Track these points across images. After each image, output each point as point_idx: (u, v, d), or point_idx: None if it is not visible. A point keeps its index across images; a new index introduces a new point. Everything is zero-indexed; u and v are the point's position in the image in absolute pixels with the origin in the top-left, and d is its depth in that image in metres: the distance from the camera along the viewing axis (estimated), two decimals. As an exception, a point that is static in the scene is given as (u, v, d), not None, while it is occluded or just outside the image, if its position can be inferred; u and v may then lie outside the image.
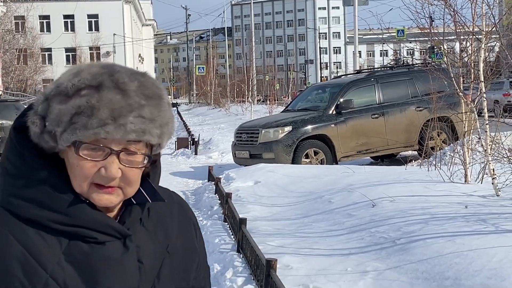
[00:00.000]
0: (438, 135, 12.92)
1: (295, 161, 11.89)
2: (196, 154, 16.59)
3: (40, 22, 62.86)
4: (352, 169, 9.40)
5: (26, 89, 45.53)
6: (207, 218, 7.99)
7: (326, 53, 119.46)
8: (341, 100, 12.39)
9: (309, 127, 12.08)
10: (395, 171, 8.97)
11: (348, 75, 14.96)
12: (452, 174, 7.19)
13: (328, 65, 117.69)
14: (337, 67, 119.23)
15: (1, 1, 35.01)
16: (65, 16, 64.51)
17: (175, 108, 52.68)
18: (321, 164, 12.02)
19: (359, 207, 6.69)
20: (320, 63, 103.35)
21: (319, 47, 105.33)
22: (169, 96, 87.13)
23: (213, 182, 10.20)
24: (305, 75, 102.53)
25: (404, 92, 12.90)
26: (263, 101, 34.81)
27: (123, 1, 66.65)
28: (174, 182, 12.30)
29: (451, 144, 11.85)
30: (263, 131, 12.16)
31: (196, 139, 17.59)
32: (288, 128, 12.03)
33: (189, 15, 71.09)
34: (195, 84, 63.19)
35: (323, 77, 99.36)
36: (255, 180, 9.64)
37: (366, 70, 14.76)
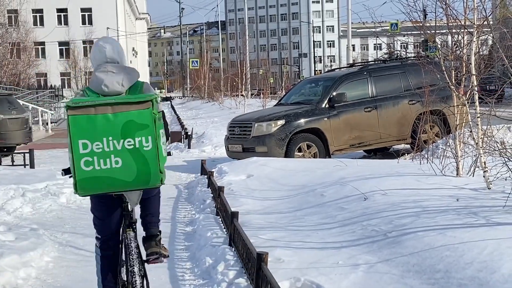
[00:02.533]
0: (431, 129, 12.93)
1: (288, 154, 11.88)
2: (189, 147, 16.58)
3: (33, 15, 62.53)
4: (345, 162, 9.40)
5: (20, 83, 45.29)
6: (200, 212, 7.98)
7: (320, 47, 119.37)
8: (334, 93, 12.38)
9: (302, 120, 12.07)
10: (387, 164, 8.97)
11: (341, 69, 14.95)
12: (444, 167, 7.19)
13: (322, 58, 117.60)
14: (331, 61, 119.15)
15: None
16: (58, 10, 64.21)
17: (168, 101, 52.58)
18: (314, 157, 12.02)
19: (351, 200, 6.69)
20: (314, 56, 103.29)
21: (313, 40, 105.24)
22: (163, 90, 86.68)
23: (205, 176, 10.18)
24: (299, 68, 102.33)
25: (397, 86, 12.90)
26: (257, 95, 34.72)
27: (117, -6, 66.38)
28: (167, 176, 12.20)
29: (444, 138, 11.88)
30: (256, 125, 12.14)
31: (189, 133, 17.56)
32: (281, 122, 12.02)
33: (183, 8, 70.87)
34: (188, 78, 63.07)
35: (317, 70, 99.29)
36: (248, 174, 9.63)
37: (359, 64, 14.74)
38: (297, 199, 7.70)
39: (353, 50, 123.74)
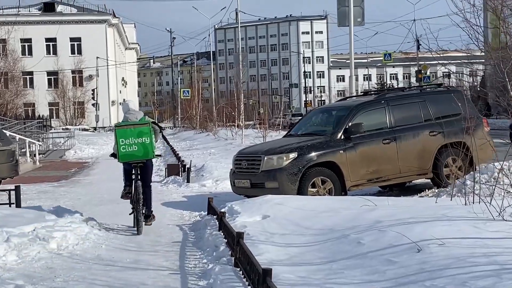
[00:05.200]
0: (453, 162, 11.95)
1: (301, 190, 10.82)
2: (188, 181, 15.45)
3: (21, 45, 61.59)
4: (373, 201, 8.34)
5: (7, 113, 44.07)
6: (213, 261, 6.86)
7: (309, 77, 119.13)
8: (350, 124, 11.37)
9: (316, 153, 11.02)
10: (425, 204, 7.92)
11: (355, 97, 13.94)
12: (503, 210, 6.15)
13: (312, 89, 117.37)
14: (321, 91, 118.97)
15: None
16: (47, 39, 63.41)
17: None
18: (329, 193, 10.97)
19: (400, 251, 5.62)
20: (305, 87, 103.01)
21: (304, 71, 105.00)
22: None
23: (214, 216, 9.08)
24: (289, 99, 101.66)
25: (417, 115, 11.96)
26: (254, 125, 33.66)
27: (106, 24, 65.75)
28: (168, 215, 11.17)
29: (472, 172, 10.88)
30: (265, 158, 11.08)
31: (187, 166, 16.45)
32: (293, 155, 10.97)
33: (174, 38, 70.24)
34: (179, 108, 62.16)
35: (307, 101, 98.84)
36: (263, 214, 8.53)
37: (374, 92, 13.76)
38: (327, 246, 6.62)
39: (343, 80, 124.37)
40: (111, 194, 14.44)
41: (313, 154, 11.01)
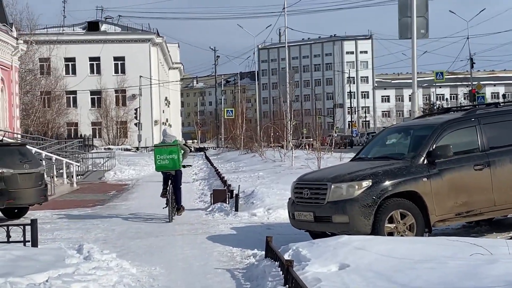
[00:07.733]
0: None
1: (375, 226, 8.87)
2: (236, 210, 13.63)
3: (65, 64, 61.18)
4: (484, 247, 6.36)
5: (47, 132, 43.06)
6: (282, 335, 4.97)
7: (354, 98, 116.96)
8: (435, 146, 9.40)
9: (394, 181, 9.05)
10: None
11: (435, 115, 11.92)
12: None
13: (356, 109, 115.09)
14: (365, 112, 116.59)
15: (23, 41, 32.97)
16: (91, 59, 62.94)
17: (202, 152, 50.03)
18: (409, 230, 9.01)
19: None
20: (349, 107, 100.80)
21: (348, 91, 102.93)
22: (195, 140, 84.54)
23: (275, 262, 7.20)
24: (333, 119, 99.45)
25: (514, 136, 9.92)
26: (296, 146, 31.66)
27: (150, 43, 65.00)
28: (215, 253, 9.30)
29: None
30: (332, 186, 9.17)
31: (235, 192, 14.63)
32: (366, 183, 9.02)
33: (218, 56, 69.07)
34: (223, 128, 60.71)
35: (352, 122, 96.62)
36: (340, 263, 6.60)
37: (459, 109, 11.74)
38: (445, 320, 4.67)
39: (388, 101, 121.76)
40: (149, 223, 12.73)
41: (390, 182, 9.05)
